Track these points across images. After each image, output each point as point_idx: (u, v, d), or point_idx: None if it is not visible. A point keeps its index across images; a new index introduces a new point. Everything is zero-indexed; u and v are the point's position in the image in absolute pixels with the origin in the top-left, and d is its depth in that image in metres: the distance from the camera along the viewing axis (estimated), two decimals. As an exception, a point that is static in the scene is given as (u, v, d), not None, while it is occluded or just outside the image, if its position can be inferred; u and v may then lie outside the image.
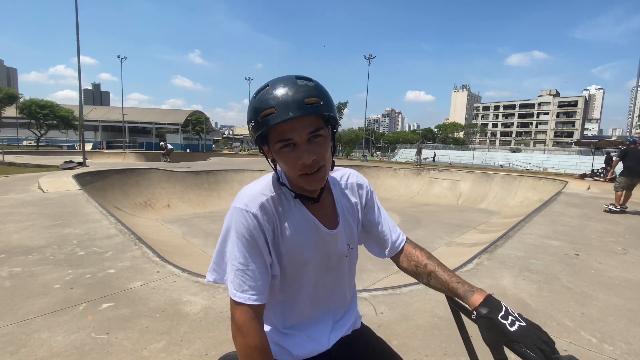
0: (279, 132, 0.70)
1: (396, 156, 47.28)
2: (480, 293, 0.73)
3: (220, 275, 0.79)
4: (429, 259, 0.87)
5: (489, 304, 0.70)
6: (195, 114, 49.92)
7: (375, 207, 0.94)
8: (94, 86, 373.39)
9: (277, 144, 0.71)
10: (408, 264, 0.91)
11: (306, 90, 0.69)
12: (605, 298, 2.67)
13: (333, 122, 0.75)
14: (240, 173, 11.50)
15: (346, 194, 0.91)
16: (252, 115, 0.71)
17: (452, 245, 6.00)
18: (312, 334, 0.87)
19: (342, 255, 0.87)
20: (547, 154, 42.81)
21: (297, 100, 0.67)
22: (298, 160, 0.70)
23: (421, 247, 0.93)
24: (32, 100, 35.44)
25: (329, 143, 0.74)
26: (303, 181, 0.74)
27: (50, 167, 11.38)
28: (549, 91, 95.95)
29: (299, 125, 0.69)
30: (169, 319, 2.16)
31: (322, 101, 0.70)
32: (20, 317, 2.09)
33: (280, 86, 0.69)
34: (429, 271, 0.85)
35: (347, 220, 0.88)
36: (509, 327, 0.65)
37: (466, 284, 0.77)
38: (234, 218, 0.75)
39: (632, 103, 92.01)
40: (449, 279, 0.80)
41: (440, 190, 12.58)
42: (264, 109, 0.68)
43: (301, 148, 0.70)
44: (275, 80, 0.71)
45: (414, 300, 2.56)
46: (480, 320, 0.69)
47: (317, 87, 0.71)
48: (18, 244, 3.47)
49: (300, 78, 0.71)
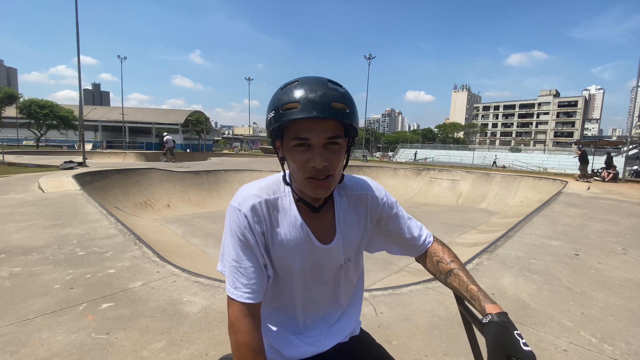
0: (297, 129, 0.68)
1: (396, 156, 47.27)
2: (499, 306, 0.71)
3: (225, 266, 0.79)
4: (453, 258, 0.87)
5: (507, 318, 0.68)
6: (195, 114, 49.90)
7: (395, 217, 0.89)
8: (94, 86, 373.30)
9: (292, 141, 0.69)
10: (430, 260, 0.90)
11: (335, 94, 0.68)
12: (605, 298, 2.67)
13: (353, 133, 0.73)
14: (240, 173, 11.50)
15: (353, 206, 0.85)
16: (274, 105, 0.69)
17: (452, 245, 5.99)
18: (306, 338, 0.86)
19: (336, 268, 0.84)
20: (547, 154, 42.80)
21: (324, 101, 0.66)
22: (309, 162, 0.68)
23: (449, 248, 0.91)
24: (32, 100, 35.40)
25: (343, 154, 0.72)
26: (309, 186, 0.71)
27: (50, 167, 11.37)
28: (549, 91, 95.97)
29: (319, 127, 0.67)
30: (169, 319, 2.16)
31: (349, 109, 0.69)
32: (20, 317, 2.09)
33: (310, 84, 0.68)
34: (451, 268, 0.84)
35: (347, 235, 0.83)
36: (522, 345, 0.63)
37: (486, 293, 0.76)
38: (230, 216, 0.76)
39: (632, 103, 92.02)
40: (469, 281, 0.79)
41: (440, 190, 12.57)
42: (287, 102, 0.67)
43: (315, 151, 0.68)
44: (307, 78, 0.70)
45: (414, 300, 2.56)
46: (492, 325, 0.67)
47: (346, 94, 0.70)
48: (18, 244, 3.47)
49: (332, 82, 0.70)
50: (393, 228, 0.89)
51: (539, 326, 2.20)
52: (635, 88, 23.79)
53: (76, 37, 12.96)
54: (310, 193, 0.73)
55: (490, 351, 0.65)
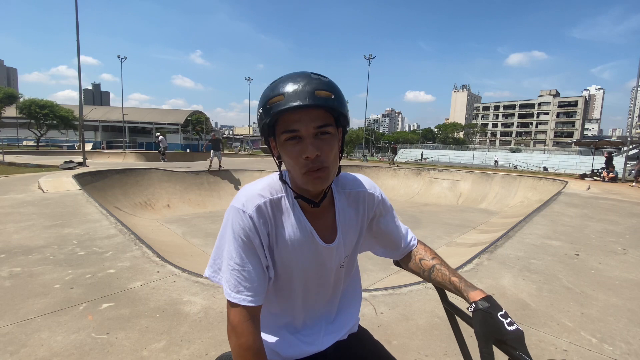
0: (285, 122, 0.68)
1: (396, 156, 47.21)
2: (481, 291, 0.73)
3: (216, 272, 0.77)
4: (434, 255, 0.89)
5: (490, 301, 0.70)
6: (195, 114, 49.89)
7: (387, 216, 0.91)
8: (94, 86, 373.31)
9: (283, 135, 0.69)
10: (413, 259, 0.91)
11: (318, 82, 0.68)
12: (605, 298, 2.67)
13: (343, 121, 0.73)
14: (240, 173, 11.51)
15: (352, 203, 0.85)
16: (261, 102, 0.70)
17: (452, 245, 6.00)
18: (304, 337, 0.86)
19: (337, 267, 0.85)
20: (547, 154, 42.80)
21: (307, 90, 0.66)
22: (302, 154, 0.68)
23: (430, 247, 0.93)
24: (32, 100, 35.38)
25: (336, 143, 0.72)
26: (306, 180, 0.71)
27: (50, 167, 11.37)
28: (549, 91, 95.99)
29: (306, 117, 0.67)
30: (169, 319, 2.16)
31: (334, 95, 0.69)
32: (20, 317, 2.09)
33: (293, 77, 0.69)
34: (432, 264, 0.86)
35: (347, 233, 0.84)
36: (506, 325, 0.65)
37: (468, 282, 0.78)
38: (232, 217, 0.74)
39: (632, 103, 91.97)
40: (451, 274, 0.81)
41: (440, 190, 12.57)
42: (272, 96, 0.68)
43: (306, 141, 0.68)
44: (290, 73, 0.71)
45: (414, 300, 2.56)
46: (477, 312, 0.69)
47: (330, 82, 0.71)
48: (18, 244, 3.47)
49: (315, 74, 0.71)
50: (383, 227, 0.90)
51: (539, 326, 2.20)
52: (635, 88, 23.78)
53: (76, 37, 12.97)
54: (310, 187, 0.72)
55: (479, 339, 0.66)
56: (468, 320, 0.73)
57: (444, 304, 0.86)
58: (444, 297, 0.87)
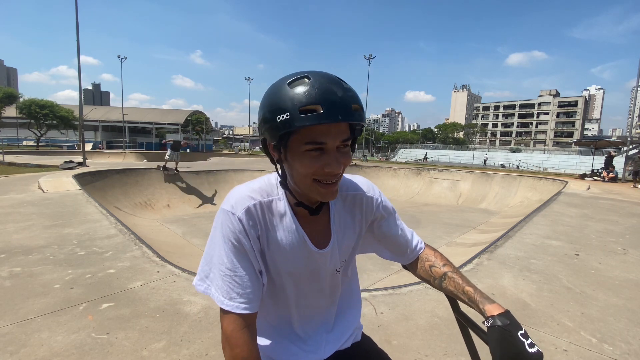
0: (312, 132, 0.62)
1: (396, 156, 47.26)
2: (499, 305, 0.68)
3: (203, 280, 0.73)
4: (446, 262, 0.84)
5: (509, 317, 0.64)
6: (195, 114, 49.90)
7: (389, 219, 0.86)
8: (94, 86, 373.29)
9: (306, 145, 0.62)
10: (422, 265, 0.86)
11: (352, 95, 0.63)
12: (605, 298, 2.67)
13: (357, 134, 0.69)
14: (240, 173, 11.52)
15: (348, 207, 0.81)
16: (286, 105, 0.61)
17: (452, 245, 6.00)
18: (304, 346, 0.82)
19: (332, 273, 0.81)
20: (547, 154, 42.80)
21: (346, 104, 0.61)
22: (324, 167, 0.63)
23: (440, 252, 0.88)
24: (32, 100, 35.40)
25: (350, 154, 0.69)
26: (317, 191, 0.66)
27: (50, 167, 11.38)
28: (549, 91, 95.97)
29: (335, 130, 0.62)
30: (169, 319, 2.16)
31: (362, 110, 0.65)
32: (20, 317, 2.09)
33: (326, 83, 0.62)
34: (444, 272, 0.81)
35: (342, 238, 0.80)
36: (527, 347, 0.60)
37: (484, 293, 0.73)
38: (221, 220, 0.70)
39: (632, 103, 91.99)
40: (464, 283, 0.76)
41: (440, 190, 12.58)
42: (307, 104, 0.59)
43: (331, 155, 0.63)
44: (317, 74, 0.63)
45: (414, 300, 2.56)
46: (494, 329, 0.63)
47: (356, 93, 0.66)
48: (18, 244, 3.47)
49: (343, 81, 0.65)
50: (386, 230, 0.86)
51: (539, 326, 2.20)
52: (635, 88, 23.78)
53: (76, 36, 12.97)
54: (319, 197, 0.68)
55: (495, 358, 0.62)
56: (482, 335, 0.69)
57: (455, 314, 0.81)
58: (456, 307, 0.82)
